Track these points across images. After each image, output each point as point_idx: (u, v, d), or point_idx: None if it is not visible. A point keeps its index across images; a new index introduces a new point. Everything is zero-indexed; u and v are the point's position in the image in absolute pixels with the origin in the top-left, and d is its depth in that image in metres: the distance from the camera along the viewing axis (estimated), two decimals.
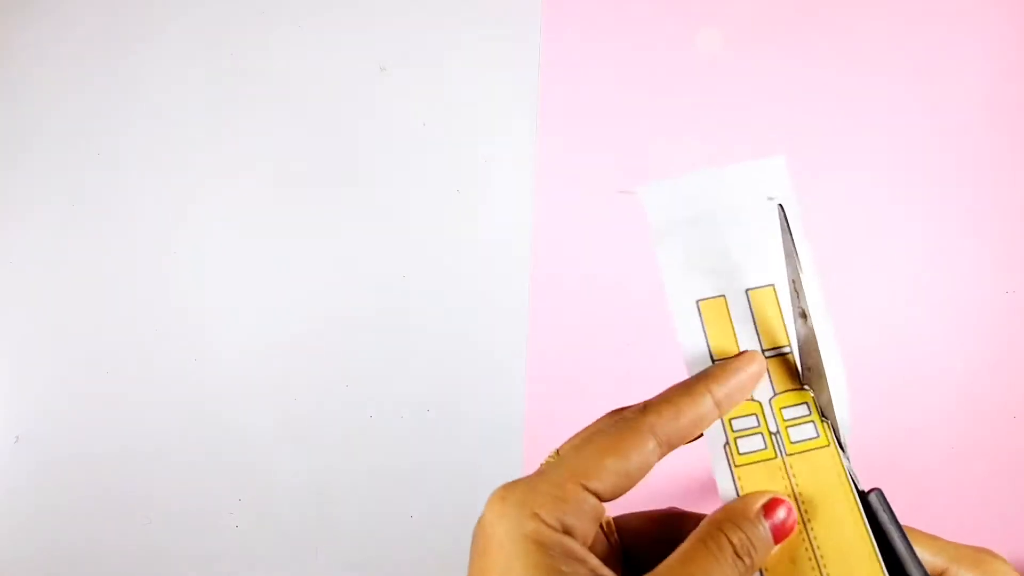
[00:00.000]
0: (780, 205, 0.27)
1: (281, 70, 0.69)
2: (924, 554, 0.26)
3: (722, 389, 0.26)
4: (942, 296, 0.66)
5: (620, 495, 0.24)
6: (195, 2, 0.70)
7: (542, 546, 0.22)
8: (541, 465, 0.25)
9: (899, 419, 0.64)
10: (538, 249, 0.67)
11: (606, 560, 0.24)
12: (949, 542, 0.27)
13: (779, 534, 0.24)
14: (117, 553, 0.64)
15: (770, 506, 0.25)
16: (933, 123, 0.68)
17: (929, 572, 0.26)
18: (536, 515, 0.23)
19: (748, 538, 0.24)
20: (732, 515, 0.24)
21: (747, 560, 0.23)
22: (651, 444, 0.24)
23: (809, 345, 0.27)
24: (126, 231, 0.67)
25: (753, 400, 0.27)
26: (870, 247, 0.67)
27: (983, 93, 0.68)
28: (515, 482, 0.24)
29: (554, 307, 0.66)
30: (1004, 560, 0.27)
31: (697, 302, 0.27)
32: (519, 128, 0.69)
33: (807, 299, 0.26)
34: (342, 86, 0.69)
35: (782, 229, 0.27)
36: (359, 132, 0.69)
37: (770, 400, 0.27)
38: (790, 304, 0.27)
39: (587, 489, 0.23)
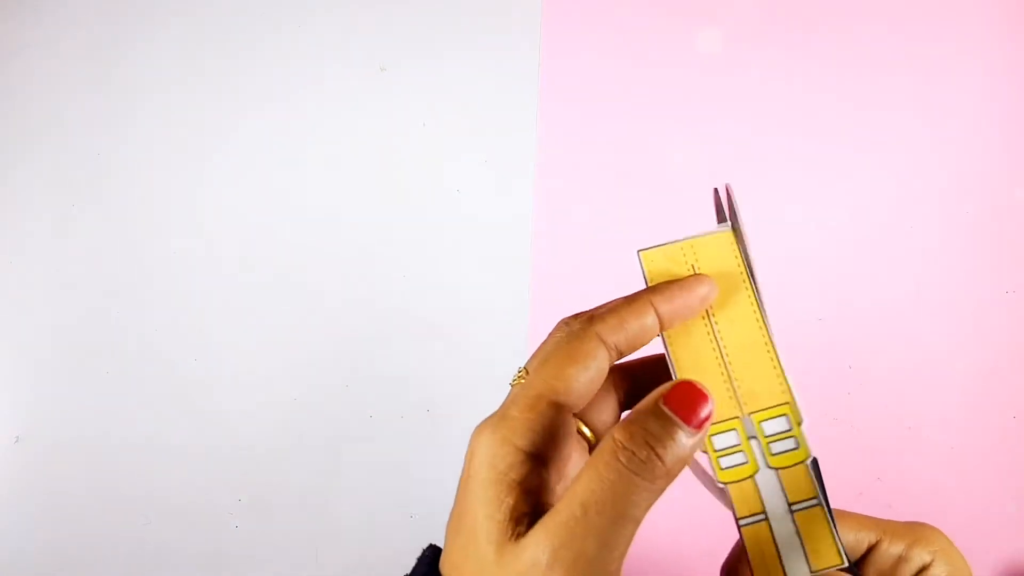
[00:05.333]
0: (727, 185, 0.29)
1: (281, 70, 0.70)
2: (848, 533, 0.27)
3: (664, 304, 0.26)
4: (941, 296, 0.66)
5: (586, 402, 0.25)
6: (195, 2, 0.70)
7: (498, 483, 0.23)
8: (512, 388, 0.25)
9: (898, 419, 0.64)
10: (538, 249, 0.67)
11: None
12: (880, 519, 0.28)
13: (689, 412, 0.23)
14: (117, 553, 0.64)
15: (676, 391, 0.23)
16: (933, 122, 0.68)
17: (860, 547, 0.27)
18: (508, 440, 0.23)
19: (638, 429, 0.22)
20: (629, 414, 0.23)
21: (642, 453, 0.22)
22: (602, 351, 0.25)
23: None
24: (126, 231, 0.67)
25: None
26: (869, 247, 0.67)
27: (983, 92, 0.68)
28: (494, 414, 0.25)
29: (554, 307, 0.66)
30: (938, 530, 0.27)
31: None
32: (519, 128, 0.69)
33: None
34: (342, 86, 0.69)
35: (729, 211, 0.29)
36: (359, 132, 0.69)
37: None
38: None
39: (556, 403, 0.24)
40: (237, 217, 0.68)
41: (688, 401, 0.23)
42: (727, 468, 0.27)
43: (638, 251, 0.29)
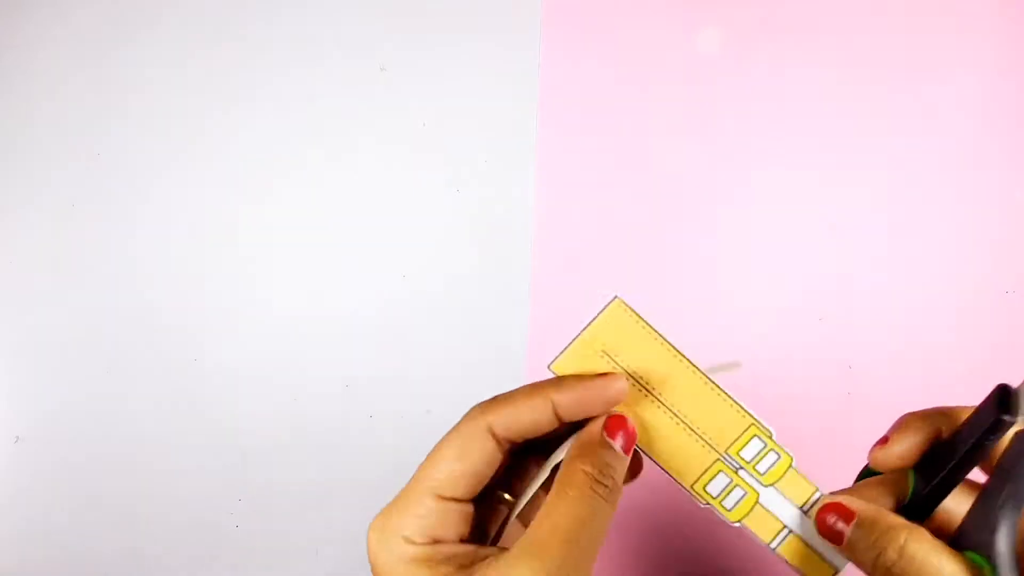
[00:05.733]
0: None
1: (281, 69, 0.69)
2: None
3: (564, 397, 0.27)
4: (942, 296, 0.66)
5: (479, 490, 0.27)
6: (195, 1, 0.70)
7: (415, 562, 0.26)
8: (408, 483, 0.28)
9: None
10: (538, 249, 0.67)
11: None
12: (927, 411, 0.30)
13: (629, 443, 0.27)
14: (117, 553, 0.64)
15: (611, 424, 0.27)
16: (933, 122, 0.68)
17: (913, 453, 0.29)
18: (406, 538, 0.27)
19: (601, 462, 0.26)
20: (581, 449, 0.26)
21: (608, 483, 0.25)
22: (491, 444, 0.28)
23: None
24: (126, 231, 0.67)
25: None
26: (869, 246, 0.67)
27: (983, 92, 0.68)
28: (386, 508, 0.29)
29: (555, 308, 0.66)
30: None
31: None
32: (519, 128, 0.69)
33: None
34: (342, 86, 0.69)
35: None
36: (359, 132, 0.69)
37: None
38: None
39: (444, 498, 0.27)
40: (237, 217, 0.68)
41: (620, 429, 0.27)
42: (733, 508, 0.29)
43: (549, 367, 0.30)
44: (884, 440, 0.29)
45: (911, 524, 0.25)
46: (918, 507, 0.27)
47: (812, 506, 0.29)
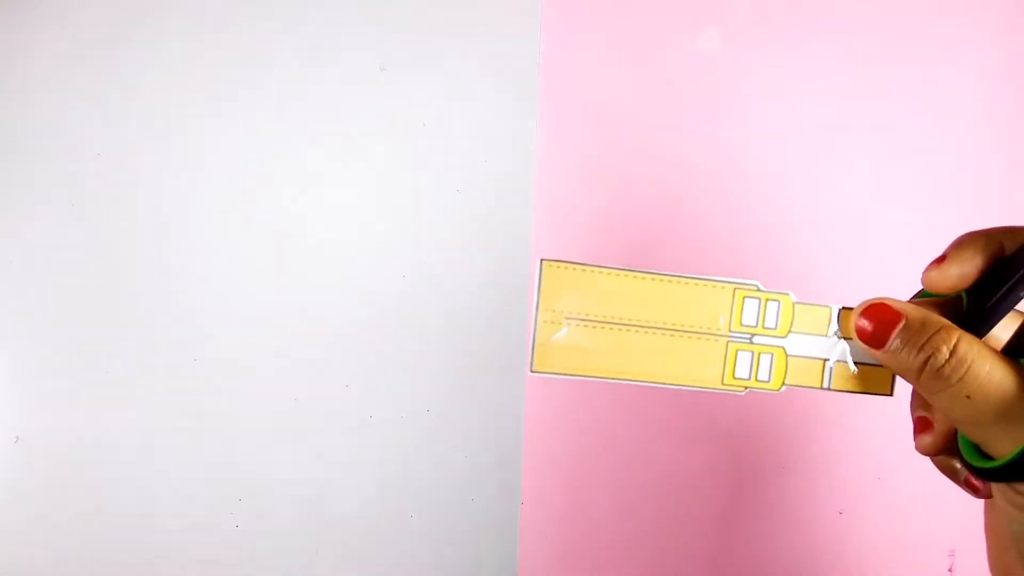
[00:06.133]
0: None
1: (281, 70, 0.69)
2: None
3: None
4: None
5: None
6: (195, 1, 0.70)
7: None
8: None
9: (899, 419, 0.63)
10: (538, 249, 0.67)
11: None
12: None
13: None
14: (117, 553, 0.64)
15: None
16: (933, 122, 0.68)
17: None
18: None
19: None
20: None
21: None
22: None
23: None
24: (126, 231, 0.67)
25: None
26: (869, 246, 0.67)
27: (983, 92, 0.68)
28: None
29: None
30: None
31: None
32: (519, 128, 0.69)
33: None
34: (342, 86, 0.69)
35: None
36: (359, 132, 0.69)
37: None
38: None
39: None
40: (237, 217, 0.68)
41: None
42: (771, 377, 0.27)
43: (531, 372, 0.28)
44: (941, 259, 0.27)
45: (961, 330, 0.23)
46: (970, 329, 0.25)
47: (838, 324, 0.27)
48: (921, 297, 0.29)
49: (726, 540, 0.65)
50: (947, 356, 0.23)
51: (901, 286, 0.31)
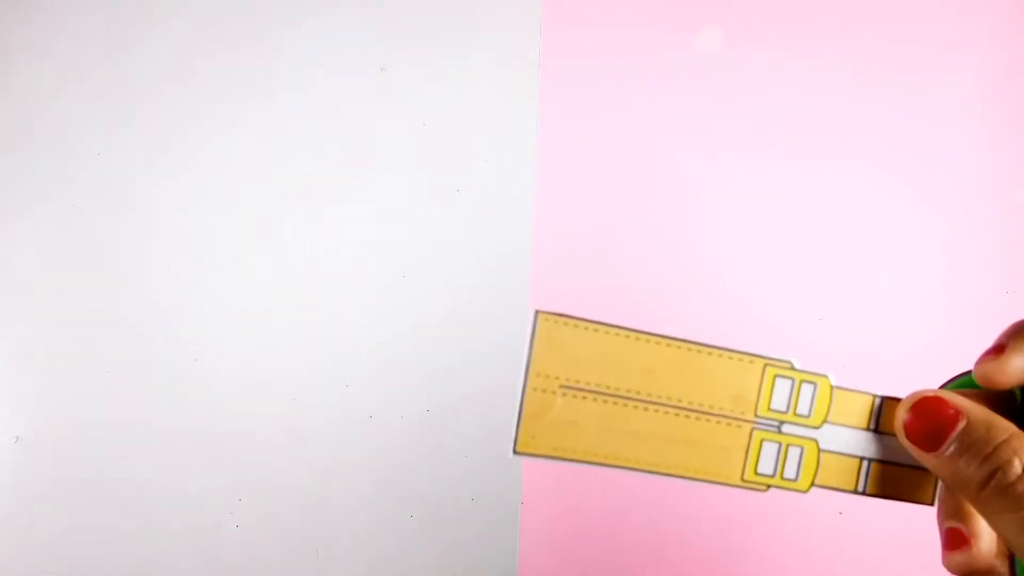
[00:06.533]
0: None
1: (281, 70, 0.69)
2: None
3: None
4: (942, 296, 0.66)
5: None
6: (195, 1, 0.70)
7: None
8: None
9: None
10: (538, 249, 0.67)
11: None
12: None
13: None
14: (117, 553, 0.64)
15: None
16: (932, 123, 0.68)
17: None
18: None
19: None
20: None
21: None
22: None
23: None
24: (126, 231, 0.67)
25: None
26: (868, 246, 0.67)
27: (983, 93, 0.68)
28: None
29: (554, 307, 0.66)
30: None
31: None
32: (519, 128, 0.69)
33: None
34: (342, 86, 0.69)
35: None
36: (359, 132, 0.69)
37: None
38: None
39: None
40: (237, 217, 0.68)
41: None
42: (798, 475, 0.23)
43: (514, 453, 0.23)
44: (1000, 349, 0.21)
45: None
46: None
47: (879, 416, 0.23)
48: (957, 388, 0.24)
49: (725, 540, 0.65)
50: (1020, 472, 0.19)
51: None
